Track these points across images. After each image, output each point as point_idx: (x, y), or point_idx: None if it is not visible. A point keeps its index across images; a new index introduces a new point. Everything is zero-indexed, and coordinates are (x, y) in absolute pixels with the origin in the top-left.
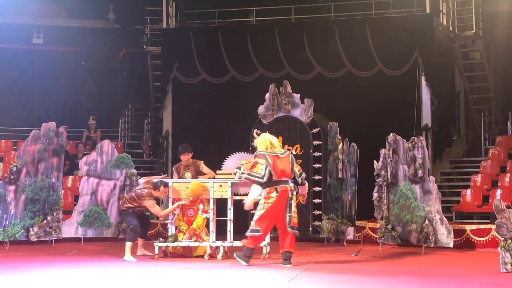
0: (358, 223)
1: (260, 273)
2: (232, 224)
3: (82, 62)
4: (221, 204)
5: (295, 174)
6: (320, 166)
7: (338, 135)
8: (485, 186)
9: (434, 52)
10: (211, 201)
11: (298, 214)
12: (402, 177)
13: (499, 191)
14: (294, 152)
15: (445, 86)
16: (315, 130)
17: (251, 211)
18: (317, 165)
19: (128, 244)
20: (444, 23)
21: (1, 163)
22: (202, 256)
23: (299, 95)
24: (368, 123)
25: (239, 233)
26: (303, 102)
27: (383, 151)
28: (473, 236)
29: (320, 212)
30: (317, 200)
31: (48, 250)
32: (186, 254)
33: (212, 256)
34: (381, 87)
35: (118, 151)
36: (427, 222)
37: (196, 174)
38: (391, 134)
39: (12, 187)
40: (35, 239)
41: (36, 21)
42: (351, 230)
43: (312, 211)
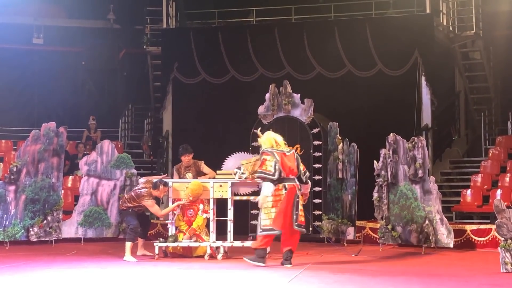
0: (358, 223)
1: (260, 273)
2: (232, 224)
3: (82, 62)
4: (221, 204)
5: (300, 173)
6: (320, 166)
7: (338, 135)
8: (485, 186)
9: (434, 52)
10: (211, 201)
11: (304, 212)
12: (402, 177)
13: (499, 191)
14: None
15: (445, 86)
16: (315, 130)
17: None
18: (317, 165)
19: (128, 244)
20: (444, 23)
21: (1, 163)
22: (202, 256)
23: (299, 95)
24: (368, 123)
25: (239, 233)
26: (303, 102)
27: (383, 151)
28: (473, 236)
29: (320, 212)
30: (317, 200)
31: (48, 250)
32: (186, 254)
33: (212, 256)
34: (381, 87)
35: (118, 151)
36: (427, 222)
37: (197, 174)
38: (391, 134)
39: (12, 187)
40: (35, 239)
41: (36, 21)
42: (351, 230)
43: (312, 211)
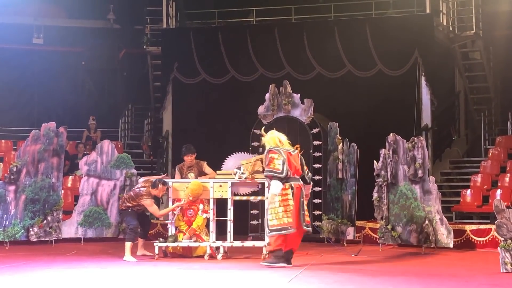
0: (358, 223)
1: (260, 273)
2: (232, 224)
3: (82, 62)
4: (221, 204)
5: (304, 173)
6: (320, 166)
7: (338, 135)
8: (485, 186)
9: (434, 52)
10: (211, 201)
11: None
12: (402, 177)
13: (499, 191)
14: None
15: (445, 86)
16: (315, 130)
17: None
18: (317, 165)
19: (128, 244)
20: (444, 23)
21: (1, 163)
22: (202, 256)
23: (299, 95)
24: (368, 123)
25: (239, 233)
26: (303, 102)
27: (383, 151)
28: (473, 236)
29: (320, 212)
30: (317, 200)
31: (48, 250)
32: (186, 254)
33: (212, 256)
34: (381, 87)
35: (118, 151)
36: (427, 222)
37: (199, 174)
38: (391, 134)
39: (12, 187)
40: (35, 239)
41: (36, 21)
42: (351, 230)
43: (312, 211)
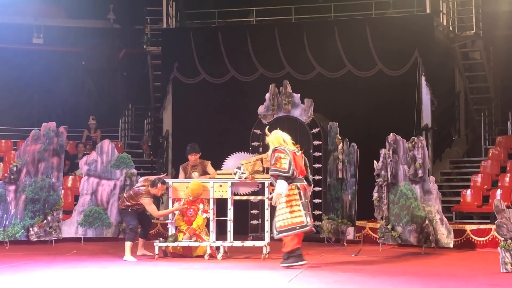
0: (358, 223)
1: (260, 273)
2: (232, 224)
3: (82, 62)
4: (221, 204)
5: (308, 173)
6: (320, 166)
7: (338, 135)
8: (485, 186)
9: (434, 52)
10: (211, 201)
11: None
12: (402, 177)
13: (499, 191)
14: None
15: (445, 86)
16: (315, 130)
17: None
18: (317, 165)
19: (128, 244)
20: (444, 23)
21: (1, 163)
22: (202, 256)
23: (299, 95)
24: (368, 123)
25: (239, 233)
26: (303, 102)
27: (383, 151)
28: (473, 236)
29: (320, 212)
30: (317, 200)
31: (48, 250)
32: (186, 254)
33: (212, 256)
34: (381, 87)
35: (118, 151)
36: (427, 222)
37: (203, 174)
38: (391, 134)
39: (12, 187)
40: (35, 239)
41: (36, 21)
42: (351, 230)
43: (312, 211)
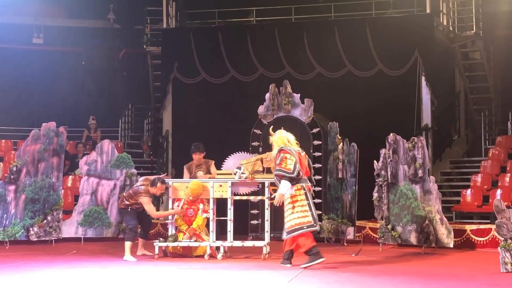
0: (358, 223)
1: (260, 273)
2: (232, 224)
3: (82, 62)
4: (221, 204)
5: (312, 174)
6: (320, 166)
7: (338, 135)
8: (485, 186)
9: (434, 52)
10: (211, 201)
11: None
12: (402, 177)
13: (499, 191)
14: None
15: (445, 86)
16: (315, 130)
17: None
18: (317, 165)
19: (127, 244)
20: (444, 23)
21: (1, 163)
22: (202, 256)
23: (299, 95)
24: (368, 123)
25: (239, 233)
26: (303, 102)
27: (383, 151)
28: (473, 236)
29: (320, 212)
30: (317, 200)
31: (48, 250)
32: (186, 254)
33: (212, 256)
34: (381, 87)
35: (118, 151)
36: (427, 222)
37: (207, 173)
38: (391, 134)
39: (12, 187)
40: (35, 239)
41: (36, 21)
42: (351, 230)
43: None
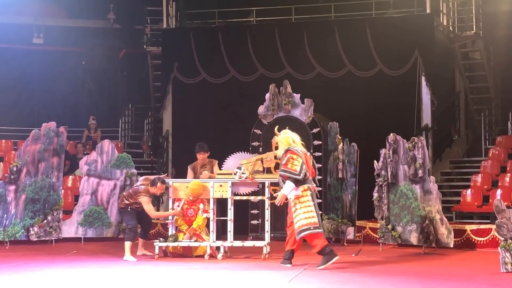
0: (358, 223)
1: (260, 273)
2: (232, 224)
3: (82, 62)
4: (221, 204)
5: (316, 174)
6: (320, 166)
7: (338, 135)
8: (485, 186)
9: (434, 52)
10: (211, 200)
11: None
12: (402, 177)
13: (499, 191)
14: None
15: (445, 86)
16: (315, 130)
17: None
18: (317, 165)
19: (127, 244)
20: (444, 23)
21: (1, 163)
22: (202, 256)
23: (299, 95)
24: (368, 123)
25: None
26: (303, 102)
27: (383, 151)
28: (473, 236)
29: (320, 212)
30: (317, 200)
31: (48, 250)
32: (186, 254)
33: (212, 256)
34: (381, 87)
35: (118, 151)
36: (427, 222)
37: (212, 173)
38: (391, 134)
39: (12, 187)
40: (35, 239)
41: (36, 21)
42: (351, 230)
43: None
